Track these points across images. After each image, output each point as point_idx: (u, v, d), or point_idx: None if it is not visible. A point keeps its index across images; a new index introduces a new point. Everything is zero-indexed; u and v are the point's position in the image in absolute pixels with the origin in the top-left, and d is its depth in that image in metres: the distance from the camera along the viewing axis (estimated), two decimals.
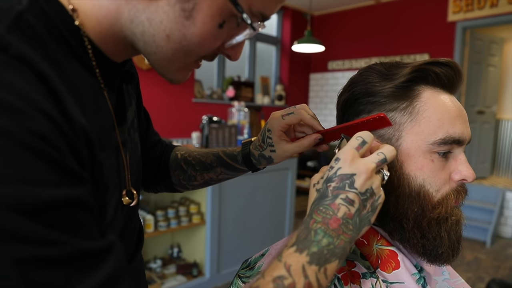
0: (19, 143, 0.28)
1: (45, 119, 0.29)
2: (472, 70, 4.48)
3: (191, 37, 0.39)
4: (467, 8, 4.15)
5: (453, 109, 0.51)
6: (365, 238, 0.55)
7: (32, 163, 0.28)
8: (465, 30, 4.27)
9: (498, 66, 4.90)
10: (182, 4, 0.37)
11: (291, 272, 0.39)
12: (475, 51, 4.50)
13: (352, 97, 0.55)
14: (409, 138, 0.51)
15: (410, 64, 0.53)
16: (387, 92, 0.52)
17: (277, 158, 0.63)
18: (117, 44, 0.42)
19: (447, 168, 0.51)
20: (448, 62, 0.51)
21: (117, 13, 0.38)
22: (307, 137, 0.60)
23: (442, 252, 0.50)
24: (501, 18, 3.97)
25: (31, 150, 0.28)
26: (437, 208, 0.50)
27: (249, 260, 0.63)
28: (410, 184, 0.51)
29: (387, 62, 0.55)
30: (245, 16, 0.38)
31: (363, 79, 0.55)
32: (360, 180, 0.43)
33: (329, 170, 0.45)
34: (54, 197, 0.29)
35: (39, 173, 0.28)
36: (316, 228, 0.41)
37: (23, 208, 0.27)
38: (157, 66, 0.43)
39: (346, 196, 0.42)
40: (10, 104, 0.28)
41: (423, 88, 0.52)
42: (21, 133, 0.28)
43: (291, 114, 0.59)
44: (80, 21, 0.38)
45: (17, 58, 0.30)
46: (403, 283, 0.51)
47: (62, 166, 0.30)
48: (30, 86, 0.30)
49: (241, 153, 0.66)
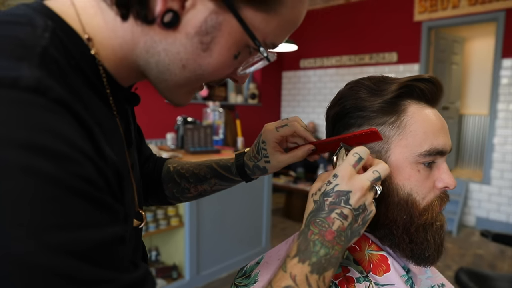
0: (69, 190, 0.28)
1: (88, 162, 0.30)
2: (437, 68, 4.69)
3: (207, 67, 0.40)
4: (432, 8, 4.33)
5: (436, 123, 0.55)
6: (357, 244, 0.58)
7: (83, 208, 0.29)
8: (430, 30, 4.45)
9: (460, 64, 5.15)
10: (200, 37, 0.37)
11: (297, 282, 0.43)
12: (440, 50, 4.71)
13: (343, 111, 0.58)
14: (397, 151, 0.54)
15: (396, 80, 0.56)
16: (376, 107, 0.55)
17: (272, 168, 0.65)
18: (130, 72, 0.42)
19: (431, 177, 0.55)
20: (431, 78, 0.55)
21: (133, 43, 0.39)
22: (300, 148, 0.62)
23: (428, 255, 0.54)
24: (462, 19, 4.18)
25: (80, 195, 0.29)
26: (424, 214, 0.54)
27: (245, 269, 0.65)
28: (398, 193, 0.54)
29: (374, 77, 0.58)
30: (262, 50, 0.39)
31: (353, 94, 0.58)
32: (355, 197, 0.47)
33: (327, 184, 0.48)
34: (103, 238, 0.30)
35: (90, 217, 0.29)
36: (314, 240, 0.46)
37: (79, 252, 0.28)
38: (166, 92, 0.43)
39: (341, 211, 0.46)
40: (57, 151, 0.28)
41: (409, 102, 0.56)
42: (70, 179, 0.28)
43: (285, 126, 0.61)
44: (96, 50, 0.38)
45: (56, 101, 0.30)
46: (393, 285, 0.54)
47: (105, 205, 0.31)
48: (72, 130, 0.30)
49: (235, 164, 0.68)
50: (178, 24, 0.37)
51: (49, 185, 0.27)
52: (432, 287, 0.62)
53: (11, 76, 0.28)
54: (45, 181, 0.27)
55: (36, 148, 0.27)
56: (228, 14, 0.37)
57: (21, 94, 0.28)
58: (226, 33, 0.38)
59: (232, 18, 0.37)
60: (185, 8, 0.36)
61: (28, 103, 0.28)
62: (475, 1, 4.03)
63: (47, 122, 0.28)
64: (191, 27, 0.37)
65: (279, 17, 0.39)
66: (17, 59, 0.30)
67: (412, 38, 4.52)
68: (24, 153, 0.26)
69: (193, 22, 0.37)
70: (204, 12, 0.36)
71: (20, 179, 0.26)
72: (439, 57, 4.71)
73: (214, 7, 0.36)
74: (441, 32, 4.70)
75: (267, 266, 0.61)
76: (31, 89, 0.29)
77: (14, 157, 0.26)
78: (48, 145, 0.28)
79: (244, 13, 0.37)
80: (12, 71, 0.29)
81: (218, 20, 0.37)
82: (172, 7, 0.36)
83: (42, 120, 0.28)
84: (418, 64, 4.52)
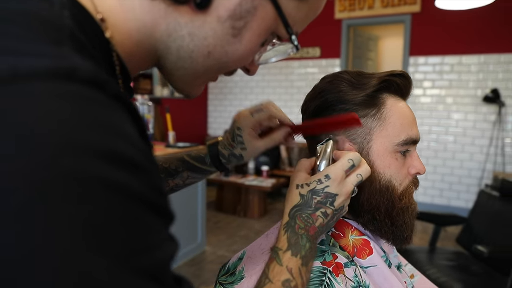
0: (148, 205, 0.24)
1: (155, 167, 0.26)
2: (355, 64, 5.06)
3: (233, 54, 0.37)
4: (350, 8, 4.65)
5: (410, 115, 0.60)
6: (341, 231, 0.61)
7: (158, 225, 0.25)
8: (349, 28, 4.78)
9: (374, 60, 5.63)
10: (233, 21, 0.34)
11: (293, 274, 0.46)
12: (357, 46, 5.08)
13: (325, 104, 0.60)
14: (378, 141, 0.58)
15: (374, 75, 0.60)
16: (359, 100, 0.58)
17: (248, 155, 0.63)
18: (143, 59, 0.37)
19: (406, 164, 0.60)
20: (404, 73, 0.60)
21: (152, 25, 0.34)
22: (277, 131, 0.61)
23: (406, 235, 0.59)
24: (376, 19, 4.56)
25: (156, 211, 0.25)
26: (402, 199, 0.59)
27: (227, 266, 0.64)
28: (380, 180, 0.58)
29: (352, 71, 0.61)
30: (293, 38, 0.38)
31: (334, 87, 0.60)
32: (339, 200, 0.51)
33: (318, 183, 0.50)
34: (171, 255, 0.26)
35: (163, 234, 0.26)
36: (302, 234, 0.49)
37: (153, 273, 0.24)
38: (180, 81, 0.40)
39: (325, 211, 0.50)
40: (133, 159, 0.24)
41: (387, 96, 0.60)
42: (148, 193, 0.24)
43: (260, 112, 0.60)
44: (110, 33, 0.33)
45: (115, 97, 0.25)
46: (376, 266, 0.58)
47: (171, 217, 0.27)
48: (134, 131, 0.26)
49: (210, 154, 0.65)
50: (209, 6, 0.33)
51: (131, 202, 0.23)
52: (398, 264, 0.68)
53: (65, 66, 0.23)
54: (127, 198, 0.23)
55: (113, 156, 0.22)
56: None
57: (81, 88, 0.23)
58: (259, 18, 0.35)
59: (267, 2, 0.34)
60: None
61: (91, 99, 0.23)
62: (387, 4, 4.43)
63: (116, 124, 0.24)
64: (224, 9, 0.34)
65: (308, 5, 0.38)
66: (56, 44, 0.24)
67: (334, 34, 4.81)
68: (102, 163, 0.22)
69: (227, 5, 0.33)
70: None
71: (101, 197, 0.21)
72: (356, 53, 5.08)
73: None
74: (358, 30, 5.07)
75: (251, 261, 0.61)
76: (91, 82, 0.23)
77: (92, 168, 0.21)
78: (125, 152, 0.23)
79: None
80: (61, 59, 0.23)
81: (253, 4, 0.34)
82: None
83: (111, 121, 0.24)
84: (339, 59, 4.83)
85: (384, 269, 0.58)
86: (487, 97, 4.00)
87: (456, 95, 4.26)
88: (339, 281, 0.53)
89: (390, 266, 0.62)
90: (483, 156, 4.15)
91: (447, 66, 4.26)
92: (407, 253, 2.09)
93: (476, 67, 4.13)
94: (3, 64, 0.21)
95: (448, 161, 4.36)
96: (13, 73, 0.21)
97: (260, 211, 4.17)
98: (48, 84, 0.22)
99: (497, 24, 3.96)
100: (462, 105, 4.24)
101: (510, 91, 4.00)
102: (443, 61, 4.28)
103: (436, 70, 4.32)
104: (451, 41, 4.19)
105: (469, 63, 4.16)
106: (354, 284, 0.55)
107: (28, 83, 0.21)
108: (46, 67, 0.22)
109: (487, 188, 2.49)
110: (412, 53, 4.40)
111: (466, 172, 4.27)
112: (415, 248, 2.22)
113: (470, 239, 2.21)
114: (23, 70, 0.21)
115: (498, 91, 3.97)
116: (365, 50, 5.31)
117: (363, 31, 5.27)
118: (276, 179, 4.31)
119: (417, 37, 4.35)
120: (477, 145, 4.19)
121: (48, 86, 0.21)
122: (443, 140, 4.36)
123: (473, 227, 2.26)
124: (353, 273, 0.56)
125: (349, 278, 0.55)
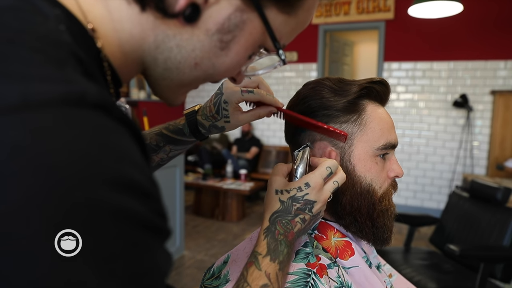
0: (156, 232, 0.25)
1: (159, 192, 0.27)
2: (332, 68, 5.16)
3: (220, 66, 0.37)
4: (327, 13, 4.74)
5: (389, 120, 0.63)
6: (324, 233, 0.62)
7: (162, 251, 0.26)
8: (325, 33, 4.87)
9: (350, 65, 5.76)
10: (221, 35, 0.35)
11: (271, 279, 0.48)
12: (334, 51, 5.19)
13: (308, 110, 0.62)
14: (359, 145, 0.60)
15: (355, 82, 0.62)
16: (341, 106, 0.60)
17: (230, 127, 0.63)
18: (132, 69, 0.37)
19: (385, 168, 0.62)
20: (383, 80, 0.62)
21: (141, 38, 0.34)
22: (263, 108, 0.61)
23: (386, 236, 0.62)
24: (352, 25, 4.67)
25: (161, 237, 0.26)
26: (382, 201, 0.61)
27: (212, 270, 0.64)
28: (361, 184, 0.60)
29: (334, 78, 0.63)
30: (281, 52, 0.38)
31: (317, 94, 0.61)
32: (317, 207, 0.53)
33: (298, 190, 0.52)
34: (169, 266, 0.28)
35: (162, 250, 0.27)
36: (281, 240, 0.51)
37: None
38: (166, 91, 0.40)
39: (304, 217, 0.53)
40: (143, 186, 0.24)
41: (367, 102, 0.62)
42: (156, 220, 0.25)
43: (251, 93, 0.59)
44: (101, 43, 0.33)
45: (120, 120, 0.25)
46: (358, 267, 0.60)
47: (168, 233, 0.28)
48: (141, 156, 0.26)
49: (188, 124, 0.65)
50: (198, 19, 0.33)
51: (139, 229, 0.24)
52: (378, 264, 0.70)
53: (74, 91, 0.23)
54: (136, 225, 0.24)
55: (125, 185, 0.23)
56: (252, 13, 0.35)
57: (91, 114, 0.23)
58: (247, 32, 0.36)
59: (256, 17, 0.35)
60: (208, 2, 0.33)
61: (102, 126, 0.23)
62: (362, 10, 4.55)
63: (125, 150, 0.24)
64: (212, 23, 0.34)
65: (296, 19, 0.38)
66: (59, 66, 0.24)
67: (311, 39, 4.88)
68: (113, 192, 0.22)
69: (216, 19, 0.34)
70: (228, 9, 0.34)
71: (111, 226, 0.22)
72: (333, 58, 5.19)
73: (240, 3, 0.34)
74: (335, 35, 5.18)
75: (236, 264, 0.62)
76: (99, 106, 0.24)
77: (104, 197, 0.22)
78: (135, 180, 0.24)
79: (268, 12, 0.35)
80: (69, 84, 0.23)
81: (242, 18, 0.35)
82: (195, 0, 0.32)
83: (120, 148, 0.24)
84: (316, 63, 4.91)
85: (365, 269, 0.61)
86: (456, 102, 4.17)
87: (428, 99, 4.41)
88: (323, 282, 0.54)
89: (371, 266, 0.64)
90: (453, 159, 4.32)
91: (419, 72, 4.42)
92: (384, 253, 2.15)
93: (446, 73, 4.30)
94: (13, 92, 0.21)
95: (420, 163, 4.50)
96: (24, 100, 0.21)
97: (239, 215, 4.17)
98: (60, 111, 0.22)
99: (465, 32, 4.14)
100: (433, 109, 4.40)
101: (477, 97, 4.18)
102: (416, 67, 4.43)
103: (409, 76, 4.47)
104: (423, 48, 4.35)
105: (439, 69, 4.32)
106: (337, 285, 0.56)
107: (41, 112, 0.21)
108: (56, 93, 0.22)
109: (458, 190, 2.59)
110: (386, 59, 4.53)
111: (438, 174, 4.42)
112: (390, 248, 2.28)
113: (442, 239, 2.30)
114: (33, 98, 0.21)
115: (467, 96, 4.15)
116: (341, 55, 5.43)
117: (339, 36, 5.38)
118: (254, 183, 4.32)
119: (391, 43, 4.48)
120: (448, 148, 4.36)
121: (61, 114, 0.22)
122: (416, 143, 4.51)
123: (445, 227, 2.35)
124: (336, 274, 0.58)
125: (332, 279, 0.57)
